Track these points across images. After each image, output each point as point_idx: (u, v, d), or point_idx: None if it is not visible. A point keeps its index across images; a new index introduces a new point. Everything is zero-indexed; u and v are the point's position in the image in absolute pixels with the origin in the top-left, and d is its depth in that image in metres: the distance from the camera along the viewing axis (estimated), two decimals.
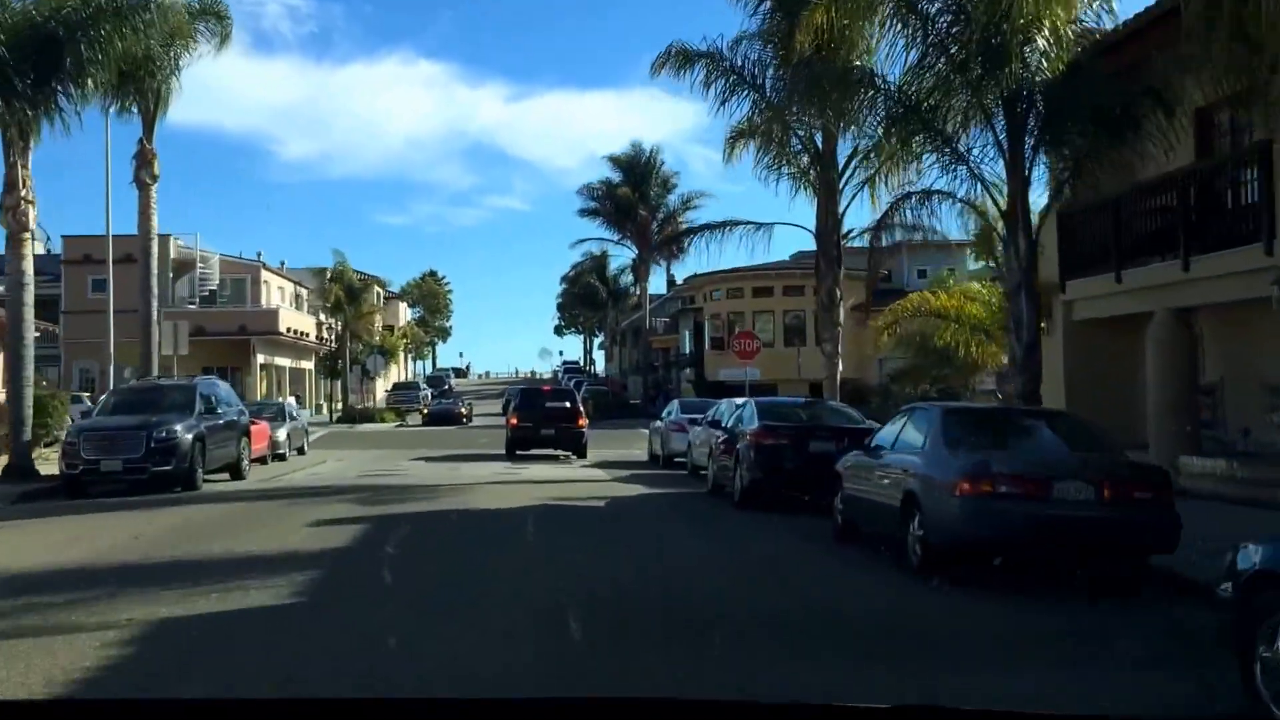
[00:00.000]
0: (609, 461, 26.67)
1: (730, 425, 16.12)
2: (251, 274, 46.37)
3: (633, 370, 76.25)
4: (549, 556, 10.62)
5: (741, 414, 15.73)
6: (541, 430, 27.00)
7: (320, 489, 17.50)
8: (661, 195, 57.45)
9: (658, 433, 25.54)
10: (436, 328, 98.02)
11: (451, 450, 31.60)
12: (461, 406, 49.10)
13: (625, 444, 35.74)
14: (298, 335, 49.02)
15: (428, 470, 22.65)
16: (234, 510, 14.61)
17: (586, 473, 22.40)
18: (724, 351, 50.25)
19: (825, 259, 20.39)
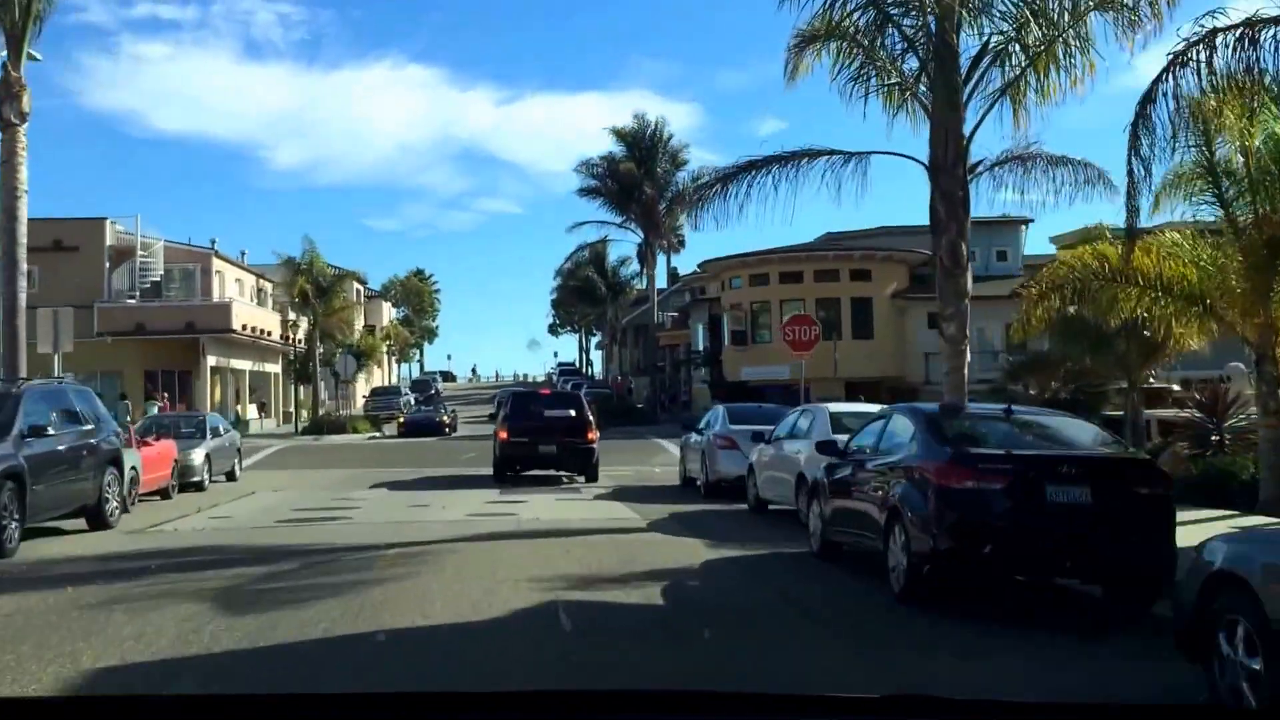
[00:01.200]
0: (628, 487, 20.54)
1: (856, 449, 9.86)
2: (201, 263, 40.13)
3: (635, 371, 70.05)
4: None
5: (881, 431, 9.39)
6: (540, 446, 21.00)
7: (198, 554, 11.24)
8: (670, 172, 51.30)
9: (695, 449, 19.41)
10: (422, 328, 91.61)
11: (426, 470, 25.41)
12: (444, 414, 42.42)
13: (638, 458, 29.68)
14: (258, 334, 42.71)
15: (383, 508, 16.44)
16: None
17: (606, 510, 16.19)
18: (746, 347, 44.14)
19: (946, 201, 14.17)
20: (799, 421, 14.08)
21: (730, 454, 17.39)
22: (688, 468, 20.37)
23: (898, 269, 44.59)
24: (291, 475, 24.65)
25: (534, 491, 19.40)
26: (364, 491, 19.79)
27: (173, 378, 40.03)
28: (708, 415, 20.04)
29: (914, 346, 43.74)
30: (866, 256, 43.62)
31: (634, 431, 39.86)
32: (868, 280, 43.76)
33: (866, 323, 43.59)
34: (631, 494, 18.84)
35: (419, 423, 40.94)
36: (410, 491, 20.29)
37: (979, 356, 44.76)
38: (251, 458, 29.72)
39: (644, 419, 45.92)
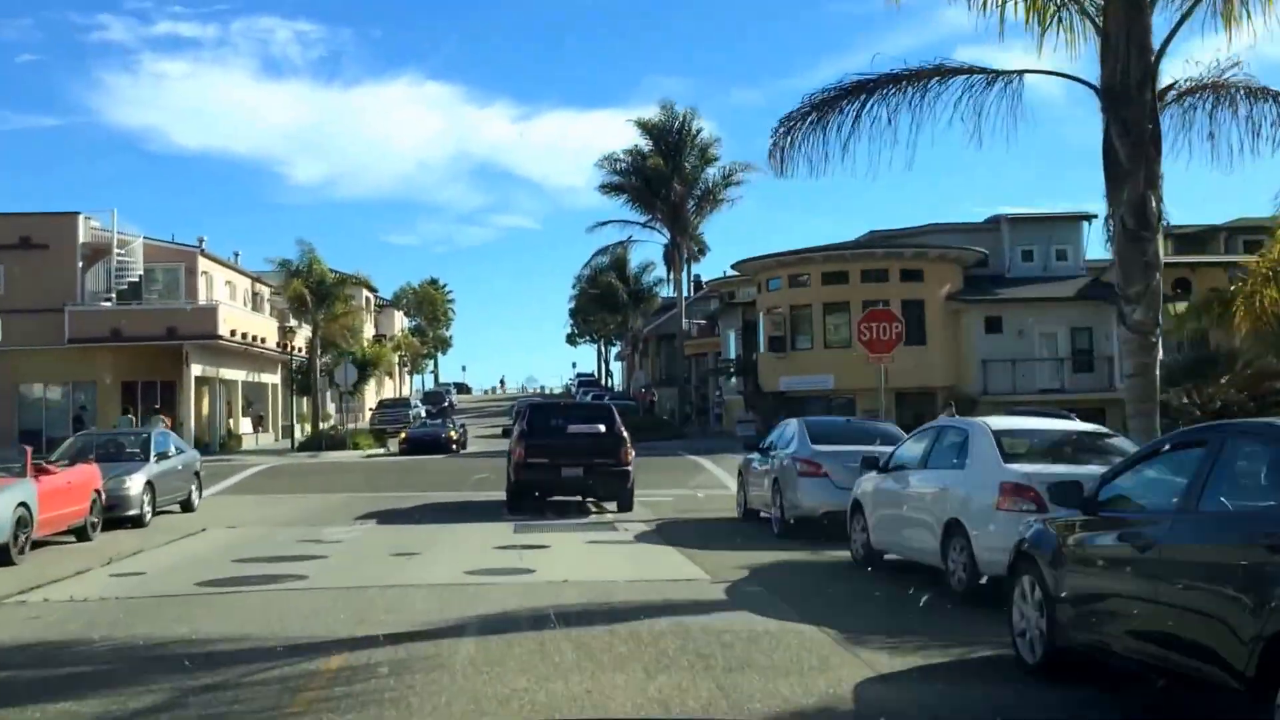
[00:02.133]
0: (674, 521, 16.54)
1: (1116, 499, 5.68)
2: (186, 263, 36.36)
3: (659, 382, 65.99)
4: None
5: (1180, 469, 5.20)
6: (564, 470, 17.28)
7: (28, 657, 7.17)
8: (699, 168, 47.28)
9: (760, 474, 15.42)
10: (436, 338, 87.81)
11: (426, 495, 21.47)
12: (451, 429, 37.52)
13: (674, 478, 25.74)
14: (250, 341, 38.91)
15: (357, 559, 12.42)
16: None
17: (656, 560, 12.04)
18: (784, 354, 40.04)
19: (1129, 139, 10.08)
20: (938, 444, 10.00)
21: (815, 483, 13.36)
22: (749, 495, 16.31)
23: (951, 269, 40.43)
24: (265, 503, 20.73)
25: (556, 528, 15.42)
26: (343, 528, 15.83)
27: (154, 389, 36.23)
28: (776, 432, 15.97)
29: (970, 353, 39.59)
30: (918, 254, 39.47)
31: (663, 447, 35.82)
32: (919, 281, 39.60)
33: (918, 327, 39.32)
34: (681, 532, 14.82)
35: (422, 439, 36.31)
36: (402, 526, 16.34)
37: (1043, 365, 40.68)
38: (229, 480, 25.92)
39: (672, 433, 41.89)
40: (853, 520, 11.35)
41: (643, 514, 17.96)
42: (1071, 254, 43.58)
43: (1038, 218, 43.91)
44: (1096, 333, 39.98)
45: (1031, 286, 41.02)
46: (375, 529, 15.92)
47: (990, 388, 39.06)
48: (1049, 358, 39.99)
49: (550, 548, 12.88)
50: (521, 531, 15.01)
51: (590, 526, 16.03)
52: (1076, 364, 40.21)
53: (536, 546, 12.99)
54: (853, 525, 11.34)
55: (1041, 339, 40.18)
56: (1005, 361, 39.07)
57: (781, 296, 40.70)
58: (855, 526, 11.26)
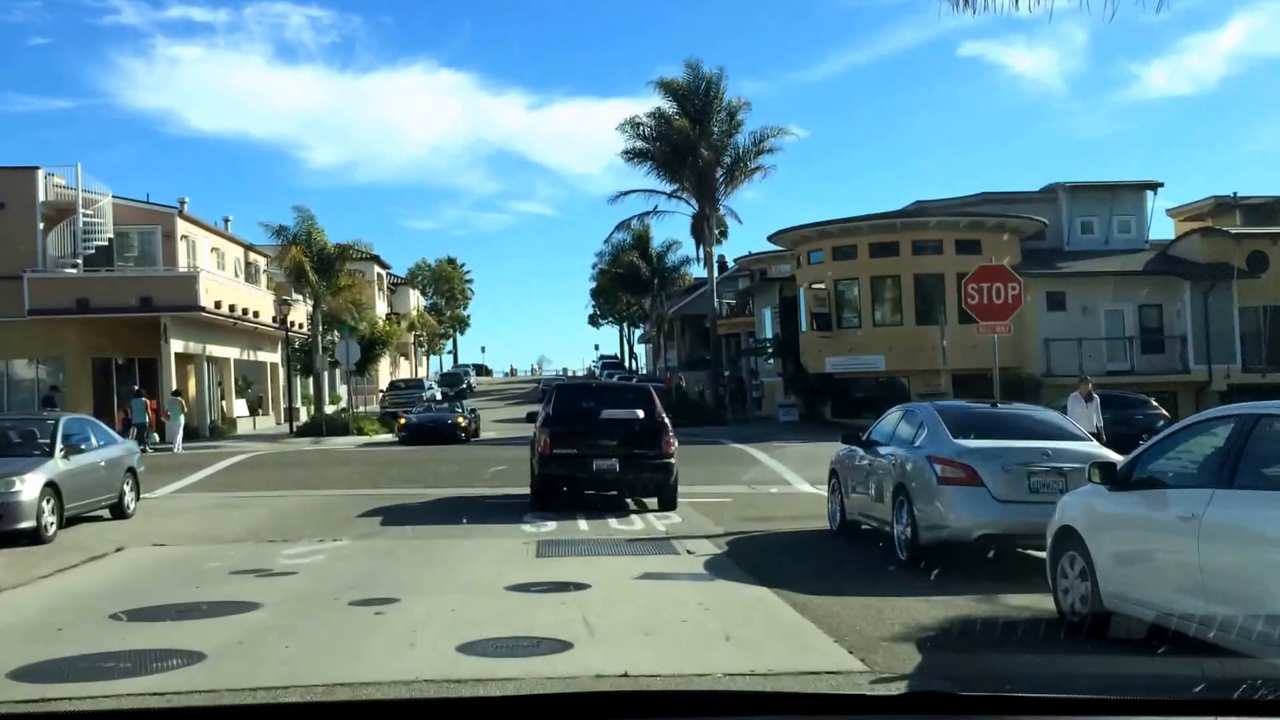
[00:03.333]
0: (751, 534, 12.65)
1: None
2: (163, 225, 32.52)
3: (685, 365, 62.01)
4: None
5: None
6: (595, 463, 14.86)
7: None
8: (728, 133, 43.00)
9: (870, 479, 11.43)
10: (453, 317, 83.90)
11: (430, 492, 17.77)
12: (460, 414, 32.07)
13: (723, 472, 22.00)
14: (242, 315, 35.12)
15: (300, 612, 8.29)
16: None
17: (762, 621, 7.75)
18: (830, 333, 35.93)
19: None
20: (1252, 439, 5.94)
21: (966, 494, 9.42)
22: (850, 501, 12.31)
23: (1009, 241, 36.17)
24: (227, 506, 16.91)
25: (594, 547, 11.59)
26: (308, 546, 12.00)
27: (131, 367, 32.55)
28: (889, 421, 11.97)
29: (1032, 332, 35.39)
30: (975, 224, 35.24)
31: (701, 434, 31.86)
32: (975, 253, 35.28)
33: None
34: (767, 556, 10.97)
35: (424, 426, 30.63)
36: (389, 542, 12.55)
37: (1108, 343, 36.35)
38: (200, 472, 22.16)
39: (709, 418, 37.86)
40: (1058, 555, 7.33)
41: (701, 522, 14.09)
42: (1135, 226, 39.40)
43: (1099, 186, 39.58)
44: (1167, 310, 35.89)
45: (1094, 260, 36.85)
46: (350, 548, 12.05)
47: (1054, 369, 34.94)
48: (1115, 337, 35.82)
49: (590, 588, 8.92)
50: (548, 555, 11.13)
51: (639, 544, 12.14)
52: (1146, 344, 36.06)
53: (570, 585, 9.03)
54: (1060, 563, 7.32)
55: (1107, 317, 36.01)
56: (1069, 341, 34.91)
57: (824, 270, 36.58)
58: (1067, 567, 7.23)
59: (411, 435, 30.14)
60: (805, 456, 24.78)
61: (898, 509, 10.51)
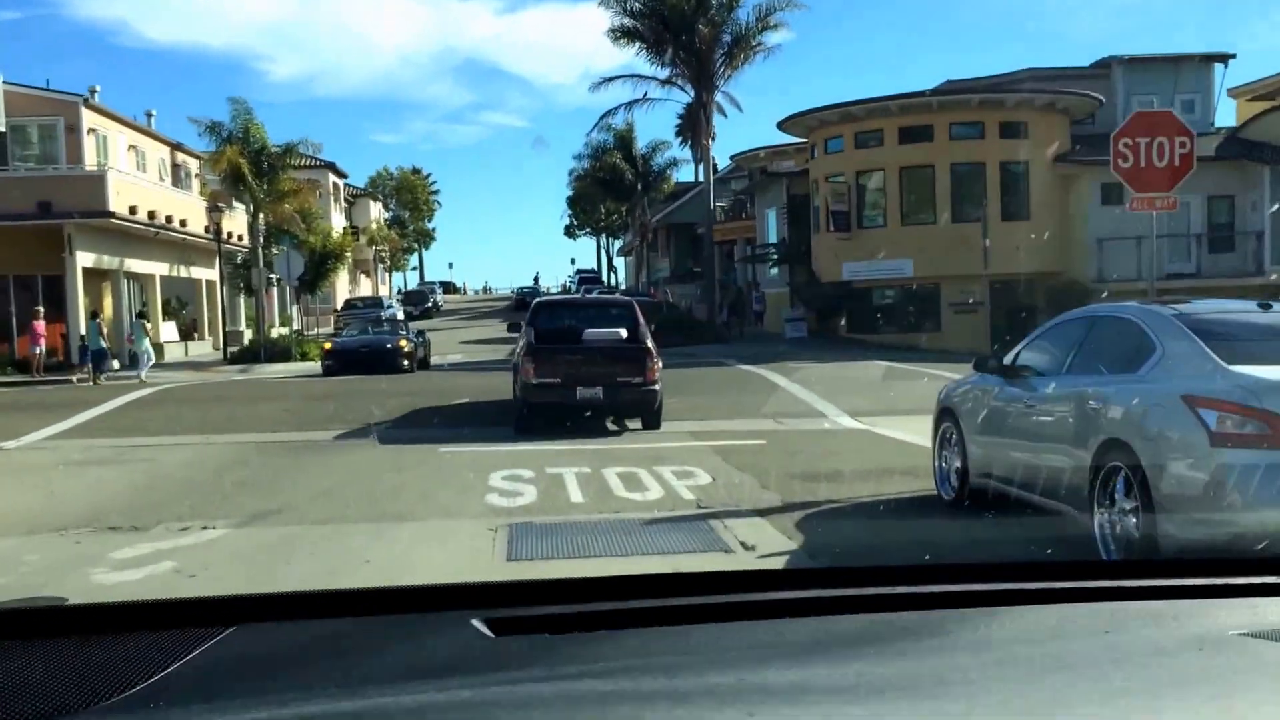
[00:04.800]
0: (821, 505, 8.43)
1: None
2: (66, 116, 27.36)
3: (672, 277, 57.45)
4: None
5: None
6: (579, 388, 14.59)
7: None
8: (728, 4, 37.71)
9: (1034, 430, 6.98)
10: (417, 230, 78.37)
11: (360, 442, 13.33)
12: (402, 337, 25.85)
13: (740, 401, 18.01)
14: (163, 224, 30.13)
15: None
16: None
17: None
18: (850, 234, 31.40)
19: None
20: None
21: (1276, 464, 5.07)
22: (980, 457, 7.98)
23: (1058, 123, 31.58)
24: (98, 459, 12.61)
25: (591, 536, 7.35)
26: (156, 544, 7.64)
27: (32, 285, 27.68)
28: (1058, 335, 7.59)
29: (1082, 231, 31.04)
30: (1023, 102, 30.49)
31: (699, 354, 27.53)
32: (1021, 137, 30.79)
33: (1020, 198, 30.80)
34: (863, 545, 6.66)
35: (356, 352, 24.55)
36: (283, 532, 8.28)
37: (1170, 241, 32.00)
38: (86, 412, 17.69)
39: (705, 335, 33.48)
40: None
41: (739, 481, 9.93)
42: (1200, 105, 34.60)
43: (1160, 59, 34.70)
44: (1239, 202, 31.47)
45: None
46: (220, 545, 7.76)
47: (1106, 272, 30.63)
48: (1178, 234, 31.40)
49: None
50: (523, 558, 6.84)
51: (662, 528, 7.93)
52: (1214, 242, 31.77)
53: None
54: None
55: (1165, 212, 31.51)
56: (1126, 240, 30.46)
57: (845, 161, 31.86)
58: None
59: (338, 363, 24.26)
60: (831, 379, 20.65)
61: (1105, 486, 6.18)
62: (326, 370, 24.50)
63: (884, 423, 14.98)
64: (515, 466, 11.13)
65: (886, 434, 13.97)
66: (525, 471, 10.77)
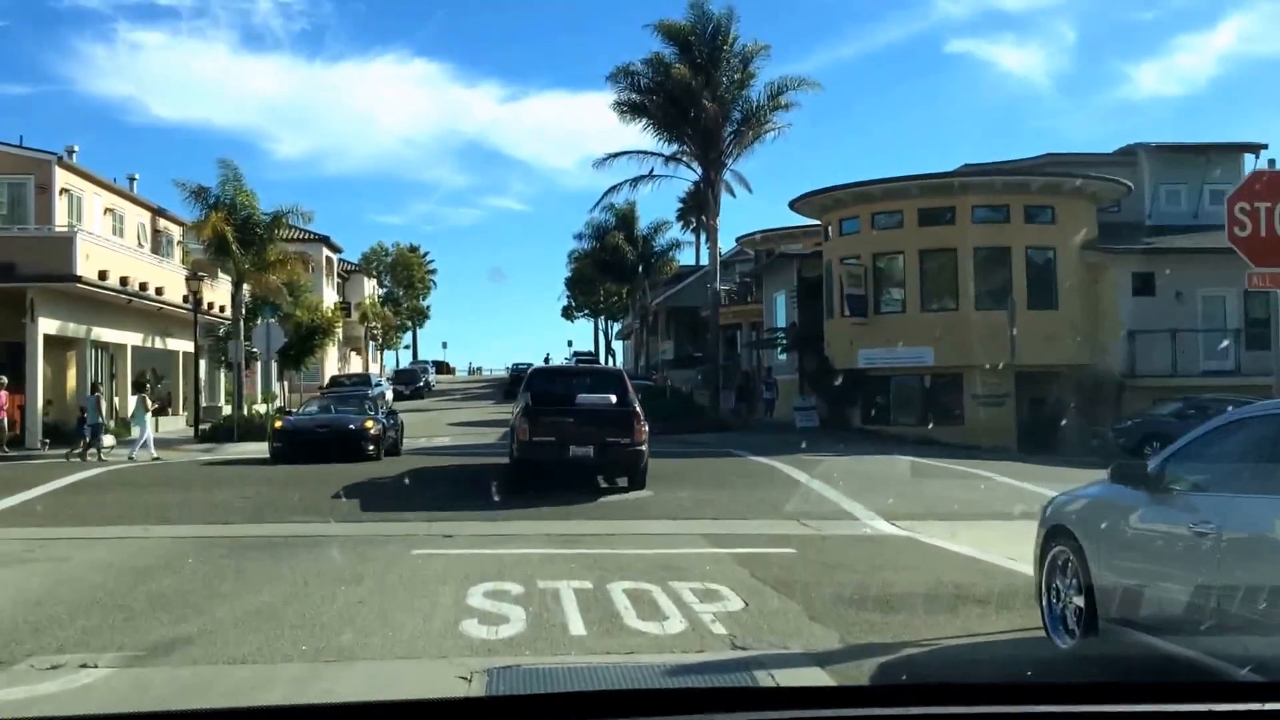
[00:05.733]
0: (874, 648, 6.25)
1: None
2: (36, 175, 25.74)
3: (672, 362, 55.65)
4: None
5: None
6: (572, 447, 15.33)
7: None
8: (739, 83, 36.63)
9: (1218, 564, 4.92)
10: (411, 308, 76.71)
11: (315, 532, 11.25)
12: (369, 418, 21.51)
13: (760, 499, 16.07)
14: (136, 292, 28.29)
15: None
16: None
17: None
18: (866, 320, 29.67)
19: None
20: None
21: None
22: (1101, 591, 5.94)
23: (1085, 209, 30.16)
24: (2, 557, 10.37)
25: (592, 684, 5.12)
26: (12, 692, 5.51)
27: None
28: (1242, 437, 5.57)
29: (1112, 322, 29.33)
30: (1049, 187, 29.07)
31: (706, 443, 25.52)
32: (1049, 223, 29.33)
33: (1047, 286, 29.17)
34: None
35: (311, 434, 20.81)
36: (185, 676, 6.14)
37: (1205, 337, 30.27)
38: (31, 491, 15.80)
39: (711, 423, 31.48)
40: None
41: (776, 607, 7.88)
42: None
43: (1187, 147, 33.50)
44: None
45: (1184, 236, 30.69)
46: (105, 688, 5.69)
47: (1140, 366, 28.88)
48: (1214, 328, 29.71)
49: None
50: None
51: (686, 679, 5.71)
52: (1251, 338, 29.98)
53: None
54: None
55: (1205, 304, 29.87)
56: (1159, 333, 28.76)
57: (861, 242, 30.31)
58: None
59: (289, 446, 20.35)
60: (853, 475, 18.62)
61: None
62: (275, 455, 20.44)
63: (926, 529, 13.01)
64: (500, 578, 9.09)
65: (935, 543, 11.97)
66: (512, 586, 8.71)
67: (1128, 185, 30.19)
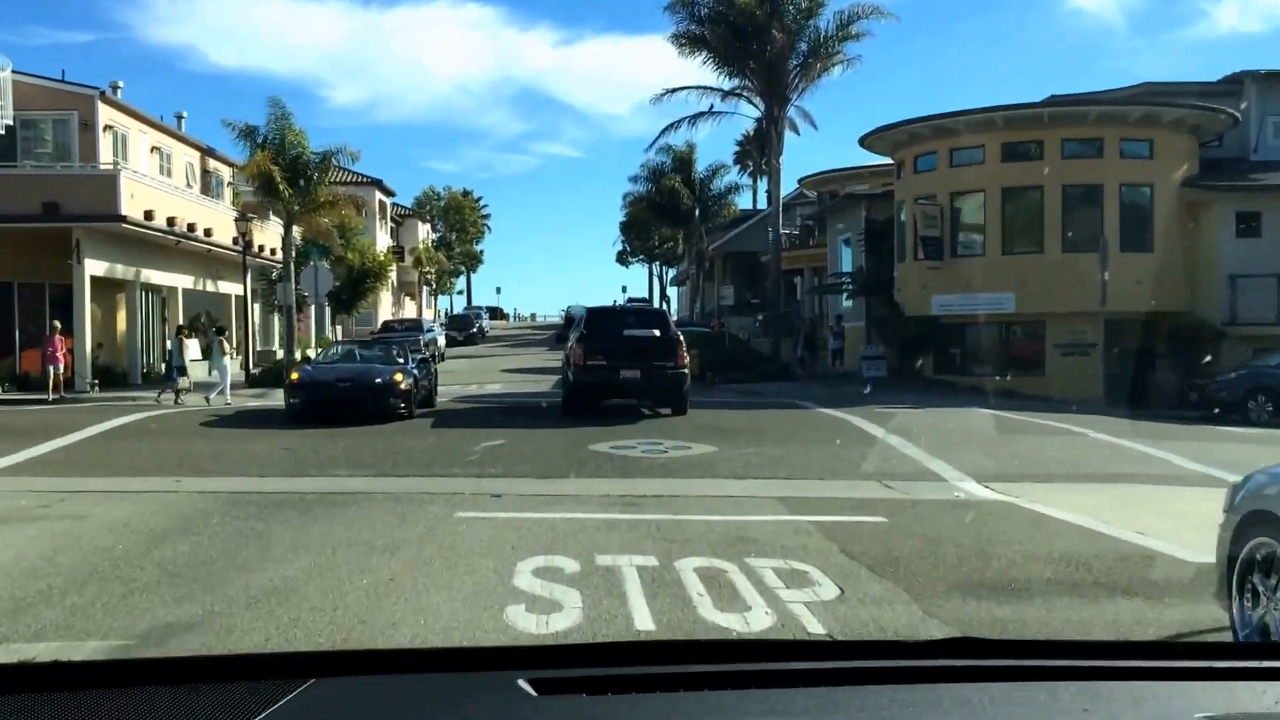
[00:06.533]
0: None
1: None
2: (80, 111, 24.93)
3: (733, 310, 54.05)
4: None
5: None
6: (622, 372, 17.40)
7: None
8: (806, 11, 34.56)
9: None
10: (464, 252, 75.83)
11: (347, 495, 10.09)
12: (397, 371, 18.31)
13: (825, 453, 14.61)
14: (183, 233, 27.54)
15: None
16: None
17: None
18: (941, 263, 27.91)
19: None
20: None
21: None
22: None
23: (1186, 142, 27.86)
24: (3, 512, 9.51)
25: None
26: None
27: (40, 294, 25.25)
28: None
29: (1212, 266, 27.22)
30: (1148, 118, 26.84)
31: (768, 394, 24.21)
32: (1145, 158, 27.15)
33: (1141, 227, 27.09)
34: None
35: (331, 388, 17.71)
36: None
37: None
38: (66, 437, 15.13)
39: (772, 373, 30.09)
40: None
41: (894, 602, 6.46)
42: None
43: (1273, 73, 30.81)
44: None
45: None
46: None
47: (1241, 314, 26.81)
48: None
49: None
50: None
51: None
52: None
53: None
54: None
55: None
56: (1265, 278, 26.60)
57: (938, 180, 28.41)
58: None
59: (306, 404, 17.44)
60: (933, 430, 17.29)
61: None
62: (291, 413, 17.62)
63: (1024, 492, 11.68)
64: (552, 550, 7.96)
65: (1040, 510, 10.59)
66: (566, 562, 7.56)
67: (1235, 116, 27.80)
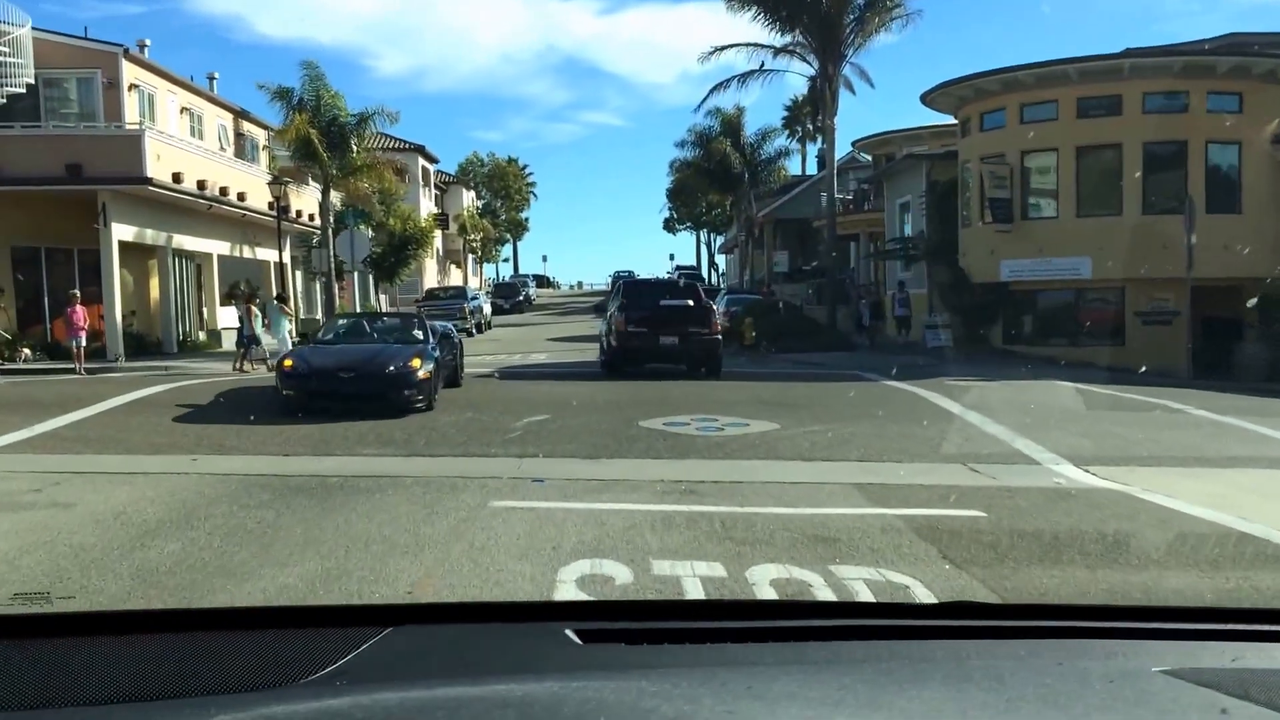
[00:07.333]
0: None
1: None
2: (104, 69, 24.01)
3: (785, 278, 52.35)
4: None
5: None
6: (660, 338, 19.00)
7: None
8: None
9: None
10: (509, 220, 74.77)
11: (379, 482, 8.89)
12: (416, 356, 14.41)
13: (897, 430, 13.18)
14: (216, 197, 26.63)
15: None
16: None
17: None
18: (1011, 226, 26.20)
19: None
20: None
21: None
22: None
23: (1277, 98, 25.77)
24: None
25: None
26: None
27: (68, 260, 24.52)
28: None
29: None
30: (1239, 69, 24.85)
31: (828, 366, 22.80)
32: (1234, 113, 25.16)
33: (1229, 187, 25.18)
34: None
35: (330, 375, 14.21)
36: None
37: None
38: (85, 409, 14.19)
39: (830, 342, 28.62)
40: None
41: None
42: None
43: None
44: None
45: None
46: None
47: None
48: None
49: None
50: None
51: None
52: None
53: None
54: None
55: None
56: None
57: (1007, 138, 26.62)
58: None
59: (301, 391, 14.18)
60: (1013, 405, 15.87)
61: None
62: (288, 405, 14.17)
63: (1134, 478, 10.25)
64: (600, 553, 6.74)
65: (1163, 502, 9.17)
66: (616, 569, 6.34)
67: None
